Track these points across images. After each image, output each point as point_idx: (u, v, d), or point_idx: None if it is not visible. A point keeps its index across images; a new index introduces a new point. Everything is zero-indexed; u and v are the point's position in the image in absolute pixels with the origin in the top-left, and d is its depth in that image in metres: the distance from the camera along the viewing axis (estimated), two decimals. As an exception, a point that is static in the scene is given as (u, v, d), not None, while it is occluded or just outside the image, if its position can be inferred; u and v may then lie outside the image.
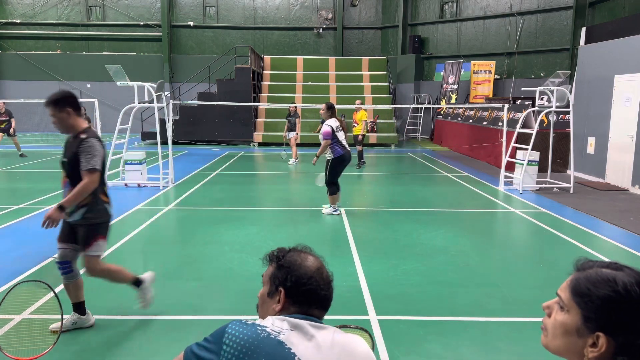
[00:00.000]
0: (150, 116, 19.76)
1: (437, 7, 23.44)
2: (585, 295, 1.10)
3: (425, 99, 23.16)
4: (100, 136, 3.99)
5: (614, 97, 10.93)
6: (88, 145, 3.75)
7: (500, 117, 13.64)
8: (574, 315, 1.12)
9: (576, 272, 1.17)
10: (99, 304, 4.50)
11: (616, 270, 1.11)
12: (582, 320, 1.10)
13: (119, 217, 7.67)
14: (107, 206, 3.97)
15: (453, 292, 4.87)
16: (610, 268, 1.12)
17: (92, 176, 3.72)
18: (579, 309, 1.11)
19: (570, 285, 1.15)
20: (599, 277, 1.10)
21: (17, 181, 10.86)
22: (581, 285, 1.12)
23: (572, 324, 1.12)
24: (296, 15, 25.34)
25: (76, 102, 3.93)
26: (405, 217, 7.91)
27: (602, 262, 1.16)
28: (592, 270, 1.13)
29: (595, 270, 1.13)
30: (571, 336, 1.12)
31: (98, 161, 3.77)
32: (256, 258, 5.12)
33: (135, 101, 10.32)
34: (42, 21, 24.98)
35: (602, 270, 1.12)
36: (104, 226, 3.96)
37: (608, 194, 10.02)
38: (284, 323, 1.47)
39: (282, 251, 1.64)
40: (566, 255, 6.06)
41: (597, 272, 1.12)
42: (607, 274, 1.10)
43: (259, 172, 13.47)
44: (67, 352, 3.66)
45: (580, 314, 1.10)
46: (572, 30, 18.71)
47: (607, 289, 1.07)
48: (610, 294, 1.07)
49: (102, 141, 3.93)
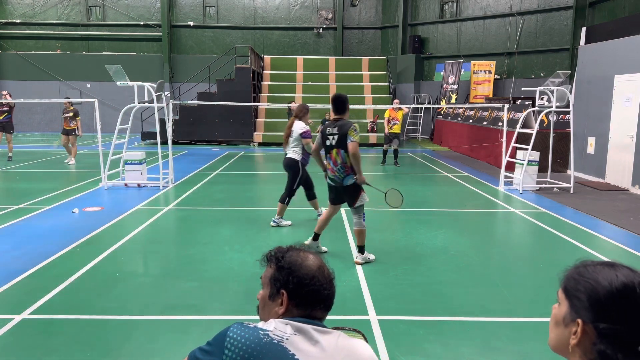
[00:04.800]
0: (150, 116, 19.76)
1: (437, 7, 23.44)
2: (572, 286, 1.15)
3: (425, 99, 23.17)
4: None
5: (614, 97, 10.93)
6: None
7: (500, 117, 13.64)
8: (564, 307, 1.16)
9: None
10: (99, 303, 4.50)
11: (608, 266, 1.14)
12: (568, 309, 1.15)
13: (119, 217, 7.67)
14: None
15: (453, 292, 4.86)
16: (603, 265, 1.16)
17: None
18: (567, 300, 1.15)
19: (562, 279, 1.20)
20: (587, 270, 1.15)
21: (17, 181, 10.86)
22: (569, 277, 1.17)
23: (560, 314, 1.17)
24: (296, 15, 25.33)
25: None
26: (405, 217, 7.91)
27: (598, 262, 1.18)
28: (582, 263, 1.18)
29: (583, 262, 1.18)
30: (560, 327, 1.17)
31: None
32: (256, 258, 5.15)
33: (135, 101, 10.31)
34: (42, 21, 24.98)
35: (593, 266, 1.16)
36: None
37: (608, 194, 10.02)
38: (287, 327, 1.44)
39: (281, 251, 1.60)
40: (566, 255, 6.06)
41: (586, 267, 1.16)
42: (595, 268, 1.14)
43: (259, 172, 13.47)
44: (67, 352, 3.66)
45: (567, 305, 1.15)
46: (572, 30, 18.71)
47: (592, 280, 1.12)
48: (592, 284, 1.11)
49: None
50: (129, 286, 4.94)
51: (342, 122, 5.44)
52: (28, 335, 3.92)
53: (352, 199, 5.54)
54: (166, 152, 10.92)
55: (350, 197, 5.55)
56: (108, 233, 6.80)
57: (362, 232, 5.59)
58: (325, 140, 5.50)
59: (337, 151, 5.43)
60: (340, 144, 5.39)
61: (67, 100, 13.64)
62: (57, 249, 6.00)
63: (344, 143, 5.38)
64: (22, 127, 23.69)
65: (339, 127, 5.40)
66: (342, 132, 5.36)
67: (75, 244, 6.23)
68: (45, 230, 6.87)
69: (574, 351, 1.12)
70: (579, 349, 1.11)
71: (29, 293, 4.71)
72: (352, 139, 5.33)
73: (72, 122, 13.45)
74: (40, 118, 24.30)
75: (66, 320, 4.17)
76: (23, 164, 13.31)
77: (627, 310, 1.06)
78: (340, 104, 5.51)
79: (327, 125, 5.55)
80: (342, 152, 5.42)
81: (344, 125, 5.40)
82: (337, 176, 5.46)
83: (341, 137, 5.37)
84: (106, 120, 17.32)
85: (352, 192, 5.51)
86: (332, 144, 5.45)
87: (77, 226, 7.09)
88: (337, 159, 5.43)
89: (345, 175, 5.44)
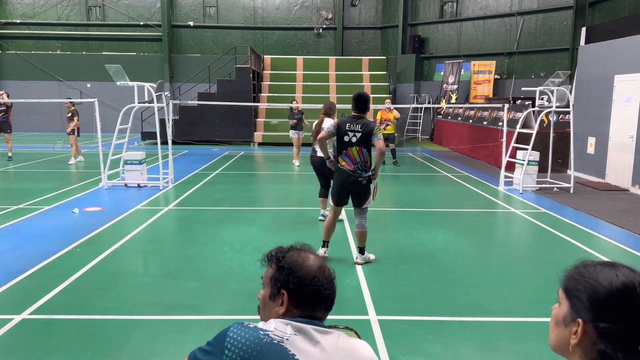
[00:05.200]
0: (150, 116, 19.76)
1: (437, 7, 23.44)
2: (572, 286, 1.15)
3: (425, 99, 23.17)
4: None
5: (614, 97, 10.93)
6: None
7: (500, 117, 13.64)
8: (564, 307, 1.16)
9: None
10: (99, 303, 4.50)
11: (608, 266, 1.14)
12: (568, 309, 1.14)
13: (119, 217, 7.67)
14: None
15: (453, 292, 4.87)
16: (603, 265, 1.16)
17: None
18: (567, 300, 1.15)
19: (562, 279, 1.20)
20: (587, 270, 1.15)
21: (17, 181, 10.86)
22: (569, 277, 1.17)
23: (561, 314, 1.17)
24: (296, 15, 25.33)
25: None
26: (405, 217, 7.91)
27: (598, 261, 1.18)
28: (582, 263, 1.18)
29: (584, 262, 1.18)
30: (560, 326, 1.16)
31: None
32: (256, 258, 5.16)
33: (135, 101, 10.31)
34: (42, 21, 24.97)
35: (593, 266, 1.16)
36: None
37: (608, 194, 10.02)
38: (287, 327, 1.43)
39: (281, 251, 1.60)
40: (566, 255, 6.06)
41: (586, 267, 1.16)
42: (595, 268, 1.14)
43: (259, 172, 13.47)
44: (67, 352, 3.66)
45: (568, 304, 1.15)
46: (572, 30, 18.71)
47: (592, 280, 1.11)
48: (592, 284, 1.11)
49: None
50: (129, 286, 4.94)
51: (365, 121, 5.40)
52: (28, 335, 3.92)
53: (363, 199, 5.51)
54: (166, 152, 10.92)
55: (361, 195, 5.51)
56: (108, 233, 6.80)
57: (364, 234, 5.57)
58: (343, 136, 5.40)
59: (359, 149, 5.38)
60: (363, 143, 5.35)
61: (68, 101, 13.64)
62: (57, 249, 6.00)
63: (368, 142, 5.36)
64: (22, 127, 23.70)
65: (362, 126, 5.34)
66: (368, 131, 5.32)
67: (75, 244, 6.23)
68: (45, 230, 6.87)
69: (574, 351, 1.12)
70: (579, 348, 1.11)
71: (29, 293, 4.71)
72: (379, 137, 5.34)
73: (71, 122, 13.46)
74: (40, 118, 24.30)
75: (66, 320, 4.18)
76: (23, 164, 13.31)
77: (627, 310, 1.06)
78: (363, 103, 5.47)
79: (345, 120, 5.44)
80: (365, 150, 5.39)
81: (369, 124, 5.37)
82: (357, 172, 5.42)
83: (365, 136, 5.33)
84: (106, 120, 17.29)
85: (365, 190, 5.49)
86: (353, 141, 5.36)
87: (77, 226, 7.09)
88: (358, 156, 5.39)
89: (364, 172, 5.43)
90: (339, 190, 5.58)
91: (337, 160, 5.55)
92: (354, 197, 5.58)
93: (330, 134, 5.51)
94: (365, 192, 5.51)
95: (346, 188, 5.54)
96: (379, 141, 5.34)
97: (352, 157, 5.42)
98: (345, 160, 5.46)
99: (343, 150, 5.42)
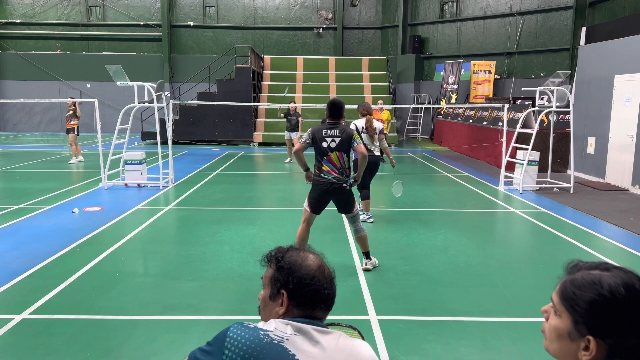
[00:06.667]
0: (150, 116, 19.77)
1: (437, 7, 23.44)
2: (572, 299, 1.10)
3: (425, 99, 23.17)
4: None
5: (614, 97, 10.93)
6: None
7: (500, 117, 13.64)
8: (565, 320, 1.12)
9: (565, 275, 1.17)
10: (99, 303, 4.50)
11: (603, 271, 1.11)
12: (572, 324, 1.10)
13: (119, 217, 7.67)
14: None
15: (453, 292, 4.87)
16: (598, 269, 1.12)
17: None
18: (568, 313, 1.11)
19: (559, 289, 1.15)
20: (585, 280, 1.10)
21: (17, 181, 10.86)
22: (568, 289, 1.12)
23: (564, 328, 1.12)
24: (296, 15, 25.34)
25: None
26: (405, 217, 7.91)
27: (591, 264, 1.15)
28: (579, 273, 1.13)
29: (581, 273, 1.13)
30: (564, 340, 1.12)
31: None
32: (256, 258, 5.15)
33: (135, 101, 10.32)
34: (42, 21, 24.97)
35: (588, 272, 1.12)
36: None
37: (608, 194, 10.02)
38: (287, 327, 1.43)
39: (281, 251, 1.59)
40: (566, 255, 6.06)
41: (582, 275, 1.12)
42: (593, 277, 1.10)
43: (259, 172, 13.47)
44: (67, 352, 3.66)
45: (570, 318, 1.10)
46: (572, 30, 18.71)
47: (593, 293, 1.07)
48: (595, 298, 1.07)
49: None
50: (128, 286, 4.94)
51: (342, 127, 5.38)
52: (28, 335, 3.92)
53: (350, 205, 5.43)
54: (166, 152, 10.92)
55: (347, 202, 5.42)
56: (108, 233, 6.80)
57: (364, 237, 5.52)
58: (321, 143, 5.33)
59: (339, 154, 5.34)
60: (342, 147, 5.33)
61: (71, 100, 13.66)
62: (57, 249, 6.00)
63: (348, 147, 5.35)
64: (22, 127, 23.71)
65: (341, 131, 5.32)
66: (347, 136, 5.30)
67: (75, 244, 6.23)
68: (45, 230, 6.87)
69: None
70: None
71: (29, 293, 4.71)
72: (359, 142, 5.34)
73: (72, 120, 13.47)
74: (40, 118, 24.30)
75: (66, 320, 4.18)
76: (23, 164, 13.31)
77: (635, 321, 1.04)
78: (337, 109, 5.40)
79: (320, 128, 5.36)
80: (345, 155, 5.38)
81: (346, 129, 5.37)
82: (340, 178, 5.36)
83: (344, 141, 5.31)
84: (106, 120, 17.31)
85: (349, 196, 5.42)
86: (332, 146, 5.32)
87: (77, 226, 7.09)
88: (338, 162, 5.38)
89: (347, 177, 5.39)
90: (318, 197, 5.42)
91: (319, 169, 5.40)
92: (340, 206, 5.49)
93: (305, 145, 5.38)
94: (350, 198, 5.44)
95: (328, 196, 5.42)
96: (359, 145, 5.32)
97: (334, 163, 5.35)
98: (329, 167, 5.37)
99: (324, 157, 5.32)
